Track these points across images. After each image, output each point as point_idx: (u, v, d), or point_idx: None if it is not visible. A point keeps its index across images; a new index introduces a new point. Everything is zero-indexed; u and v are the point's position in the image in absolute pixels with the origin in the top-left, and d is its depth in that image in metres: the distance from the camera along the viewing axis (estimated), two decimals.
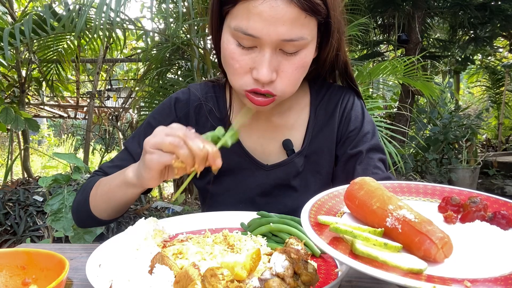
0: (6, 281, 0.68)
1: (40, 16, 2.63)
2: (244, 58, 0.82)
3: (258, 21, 0.76)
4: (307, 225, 0.56)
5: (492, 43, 5.85)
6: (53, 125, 9.49)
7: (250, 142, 1.03)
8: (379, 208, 0.57)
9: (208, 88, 1.07)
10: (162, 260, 0.65)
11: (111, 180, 0.91)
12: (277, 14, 0.75)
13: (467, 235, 0.57)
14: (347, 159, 1.00)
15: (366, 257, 0.49)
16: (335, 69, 1.02)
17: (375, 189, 0.61)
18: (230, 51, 0.82)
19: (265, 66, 0.80)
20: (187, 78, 3.08)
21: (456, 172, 4.74)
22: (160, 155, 0.73)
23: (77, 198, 1.02)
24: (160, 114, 1.05)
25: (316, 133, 1.03)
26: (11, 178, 4.20)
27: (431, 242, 0.50)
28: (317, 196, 0.66)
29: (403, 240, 0.53)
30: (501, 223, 0.58)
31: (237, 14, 0.79)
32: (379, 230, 0.55)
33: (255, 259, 0.58)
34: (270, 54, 0.80)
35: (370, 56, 5.51)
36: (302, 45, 0.81)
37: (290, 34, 0.77)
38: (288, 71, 0.83)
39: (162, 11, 3.43)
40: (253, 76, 0.82)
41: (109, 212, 0.95)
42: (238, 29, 0.79)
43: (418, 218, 0.53)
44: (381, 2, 4.64)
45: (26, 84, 4.05)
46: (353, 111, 1.04)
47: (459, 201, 0.64)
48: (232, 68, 0.84)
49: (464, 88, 10.32)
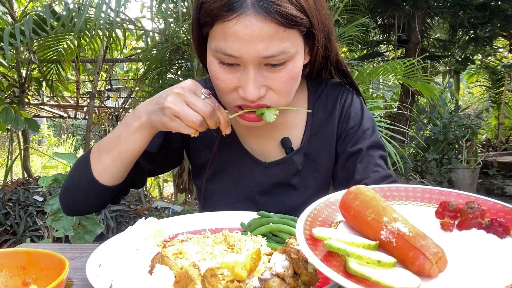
0: (6, 281, 0.68)
1: (40, 16, 2.63)
2: (229, 77, 0.81)
3: (235, 41, 0.75)
4: (302, 239, 0.55)
5: (492, 43, 5.85)
6: (53, 125, 9.48)
7: (249, 140, 1.03)
8: (373, 220, 0.57)
9: (208, 87, 1.06)
10: (162, 260, 0.65)
11: (117, 135, 0.87)
12: (253, 32, 0.73)
13: (463, 245, 0.57)
14: (347, 157, 1.00)
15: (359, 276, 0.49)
16: (328, 66, 1.02)
17: (370, 199, 0.60)
18: (214, 71, 0.82)
19: (251, 84, 0.78)
20: (187, 78, 3.07)
21: (456, 172, 4.74)
22: (180, 126, 0.78)
23: (69, 177, 0.96)
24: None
25: (315, 131, 1.02)
26: (11, 178, 4.20)
27: (425, 258, 0.50)
28: (312, 205, 0.66)
29: (397, 254, 0.53)
30: (498, 231, 0.58)
31: (215, 36, 0.78)
32: (373, 244, 0.55)
33: (255, 259, 0.58)
34: (254, 72, 0.78)
35: (370, 56, 5.51)
36: (285, 58, 0.79)
37: (269, 51, 0.76)
38: (278, 84, 0.81)
39: (162, 11, 3.43)
40: (240, 95, 0.81)
41: (120, 169, 0.89)
42: (218, 50, 0.78)
43: (412, 232, 0.53)
44: (381, 2, 4.64)
45: (26, 84, 4.05)
46: (352, 108, 1.03)
47: (456, 206, 0.63)
48: (219, 87, 0.84)
49: (464, 88, 10.32)
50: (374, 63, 5.19)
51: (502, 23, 4.77)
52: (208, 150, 1.03)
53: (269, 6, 0.73)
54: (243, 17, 0.73)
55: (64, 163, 4.17)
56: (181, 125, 0.78)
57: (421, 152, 4.86)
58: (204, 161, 1.05)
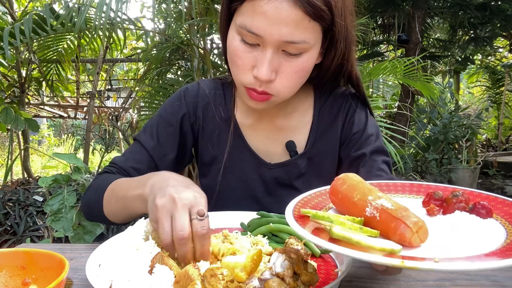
0: (6, 281, 0.68)
1: (40, 16, 2.63)
2: (247, 56, 0.83)
3: (261, 20, 0.77)
4: (290, 217, 0.57)
5: (492, 43, 5.84)
6: (53, 125, 9.48)
7: (255, 141, 1.04)
8: (359, 200, 0.59)
9: (216, 84, 1.09)
10: (162, 260, 0.65)
11: (128, 187, 0.84)
12: (281, 15, 0.76)
13: (446, 224, 0.59)
14: (350, 161, 1.00)
15: (343, 241, 0.51)
16: (339, 78, 1.02)
17: (356, 183, 0.63)
18: (234, 47, 0.84)
19: (265, 65, 0.81)
20: (187, 78, 3.07)
21: (456, 172, 4.74)
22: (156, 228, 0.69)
23: (89, 195, 0.98)
24: (171, 105, 1.06)
25: (319, 135, 1.03)
26: (11, 178, 4.20)
27: (406, 226, 0.51)
28: (303, 194, 0.68)
29: (381, 228, 0.55)
30: (481, 213, 0.59)
31: (243, 12, 0.81)
32: (358, 219, 0.57)
33: (256, 260, 0.58)
34: (271, 54, 0.81)
35: (370, 56, 5.51)
36: (304, 48, 0.81)
37: (292, 36, 0.78)
38: (288, 72, 0.84)
39: (162, 11, 3.43)
40: (253, 74, 0.84)
41: (123, 218, 0.93)
42: (243, 26, 0.80)
43: (395, 206, 0.55)
44: (381, 2, 4.64)
45: (26, 84, 4.05)
46: (356, 114, 1.03)
47: (442, 195, 0.64)
48: (235, 64, 0.86)
49: (464, 88, 10.32)
50: (374, 63, 5.19)
51: (502, 23, 4.76)
52: (216, 147, 1.05)
53: None
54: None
55: (64, 163, 4.16)
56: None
57: (421, 152, 4.86)
58: (211, 158, 1.06)
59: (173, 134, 1.04)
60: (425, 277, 0.75)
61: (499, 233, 0.55)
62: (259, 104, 0.90)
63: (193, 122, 1.06)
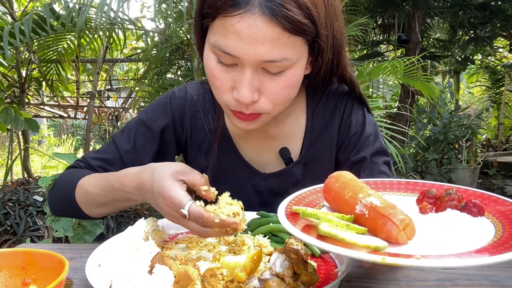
0: (6, 281, 0.68)
1: (40, 16, 2.63)
2: (225, 76, 0.77)
3: (235, 40, 0.70)
4: (282, 214, 0.58)
5: (492, 43, 5.84)
6: (53, 125, 9.48)
7: (247, 151, 1.01)
8: (350, 197, 0.59)
9: (205, 90, 1.03)
10: (162, 260, 0.65)
11: (109, 191, 0.84)
12: (255, 34, 0.69)
13: (437, 222, 0.59)
14: (350, 166, 0.96)
15: (330, 238, 0.51)
16: (331, 79, 0.95)
17: (349, 180, 0.63)
18: (210, 68, 0.78)
19: (245, 87, 0.74)
20: (187, 78, 3.07)
21: (456, 172, 4.74)
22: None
23: (57, 191, 0.96)
24: (154, 112, 1.00)
25: (314, 140, 0.99)
26: (11, 178, 4.20)
27: (392, 224, 0.52)
28: (297, 192, 0.68)
29: (369, 225, 0.56)
30: (472, 211, 0.59)
31: (215, 30, 0.74)
32: (347, 217, 0.58)
33: (256, 261, 0.58)
34: (251, 74, 0.74)
35: (370, 56, 5.50)
36: (286, 65, 0.74)
37: (270, 55, 0.71)
38: (273, 91, 0.77)
39: (162, 11, 3.43)
40: (234, 97, 0.77)
41: (106, 213, 0.93)
42: (216, 46, 0.74)
43: (383, 204, 0.55)
44: (381, 2, 4.64)
45: (26, 84, 4.04)
46: (353, 114, 0.98)
47: (436, 193, 0.65)
48: (214, 85, 0.80)
49: (464, 88, 10.32)
50: (374, 63, 5.19)
51: (502, 23, 4.77)
52: (206, 157, 1.01)
53: (276, 9, 0.68)
54: (248, 16, 0.68)
55: (64, 163, 4.16)
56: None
57: (421, 152, 4.86)
58: (202, 168, 1.01)
59: (151, 141, 0.98)
60: (425, 277, 0.75)
61: (488, 231, 0.55)
62: (250, 124, 0.83)
63: (180, 132, 1.01)
